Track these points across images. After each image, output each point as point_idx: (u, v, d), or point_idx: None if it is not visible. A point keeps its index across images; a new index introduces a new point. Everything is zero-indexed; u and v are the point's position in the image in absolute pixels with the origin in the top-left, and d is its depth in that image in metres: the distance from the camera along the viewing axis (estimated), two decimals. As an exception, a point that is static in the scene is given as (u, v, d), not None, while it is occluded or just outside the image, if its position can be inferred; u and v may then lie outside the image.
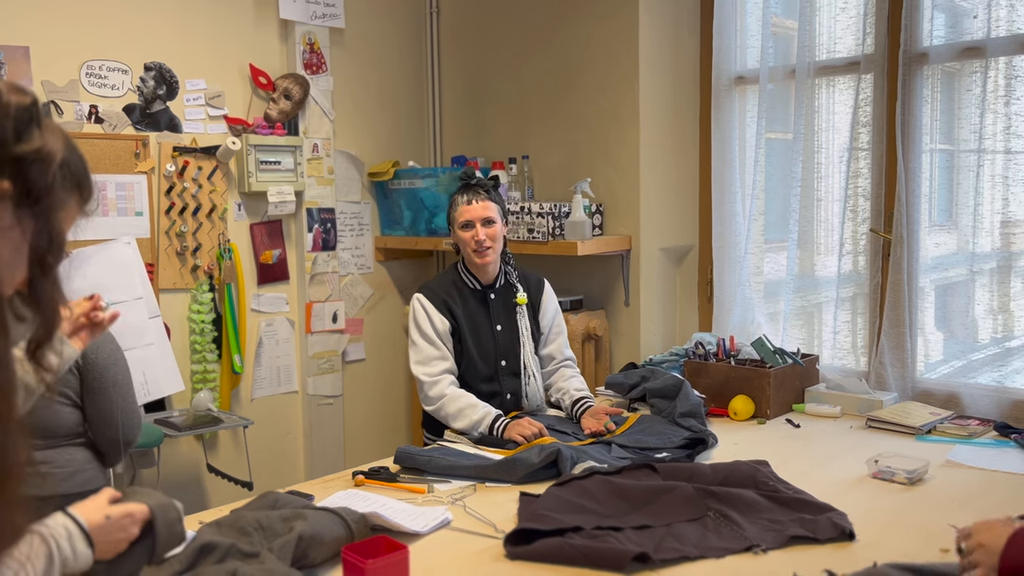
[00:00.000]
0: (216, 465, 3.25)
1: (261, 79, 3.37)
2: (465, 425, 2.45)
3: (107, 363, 2.15)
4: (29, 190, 0.98)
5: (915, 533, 1.76)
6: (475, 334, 2.60)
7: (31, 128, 0.99)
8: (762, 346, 2.83)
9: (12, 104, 0.97)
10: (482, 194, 2.58)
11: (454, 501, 1.97)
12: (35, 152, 0.98)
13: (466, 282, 2.65)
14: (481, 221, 2.56)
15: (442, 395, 2.49)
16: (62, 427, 2.10)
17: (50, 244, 1.01)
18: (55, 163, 1.01)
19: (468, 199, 2.57)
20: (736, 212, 3.24)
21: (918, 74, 2.80)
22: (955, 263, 2.86)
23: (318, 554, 1.59)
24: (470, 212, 2.56)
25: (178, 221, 3.19)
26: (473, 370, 2.59)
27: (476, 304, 2.63)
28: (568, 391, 2.67)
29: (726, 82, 3.24)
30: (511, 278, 2.69)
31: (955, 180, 2.83)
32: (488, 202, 2.58)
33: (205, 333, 3.26)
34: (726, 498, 1.87)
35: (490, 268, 2.64)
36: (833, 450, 2.39)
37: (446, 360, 2.54)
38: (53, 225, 1.01)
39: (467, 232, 2.57)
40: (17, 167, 0.97)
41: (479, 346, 2.60)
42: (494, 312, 2.65)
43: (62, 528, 1.24)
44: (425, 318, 2.56)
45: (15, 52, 2.81)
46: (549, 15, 3.56)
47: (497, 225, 2.58)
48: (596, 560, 1.62)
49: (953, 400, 2.74)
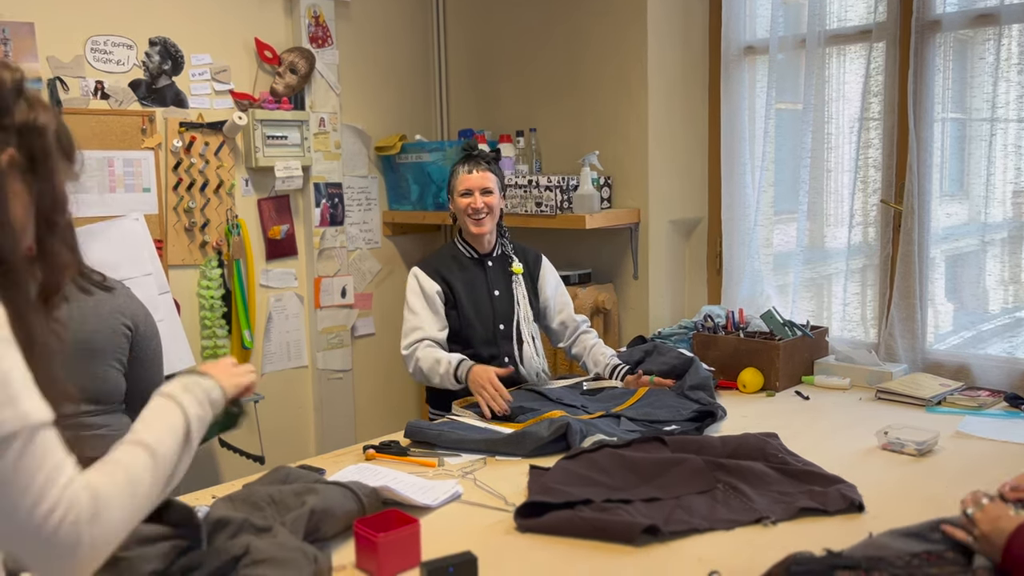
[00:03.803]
0: (227, 440, 3.28)
1: (267, 53, 3.35)
2: (439, 383, 2.53)
3: (152, 334, 2.37)
4: (32, 156, 1.08)
5: (925, 504, 1.76)
6: (472, 298, 2.66)
7: (20, 100, 1.09)
8: (771, 318, 2.82)
9: (7, 80, 1.07)
10: (483, 164, 2.67)
11: (464, 474, 1.99)
12: (33, 122, 1.08)
13: (463, 251, 2.73)
14: (480, 190, 2.64)
15: (416, 361, 2.56)
16: (116, 392, 2.28)
17: (54, 204, 1.11)
18: (51, 131, 1.11)
19: (469, 168, 2.66)
20: (745, 184, 3.22)
21: (930, 42, 2.76)
22: (966, 233, 2.84)
23: (330, 528, 1.61)
24: (469, 181, 2.64)
25: (186, 197, 3.19)
26: (472, 333, 2.65)
27: (475, 270, 2.71)
28: (602, 362, 2.72)
29: (735, 52, 3.21)
30: (507, 249, 2.77)
31: (967, 150, 2.80)
32: (488, 173, 2.66)
33: (215, 309, 3.27)
34: (735, 470, 1.88)
35: (486, 238, 2.71)
36: (842, 422, 2.39)
37: (421, 329, 2.59)
38: (55, 186, 1.12)
39: (465, 199, 2.65)
40: (20, 136, 1.07)
41: (476, 310, 2.66)
42: (491, 278, 2.71)
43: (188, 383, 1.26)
44: (416, 287, 2.64)
45: (20, 28, 2.80)
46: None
47: (495, 195, 2.66)
48: (606, 532, 1.63)
49: (963, 371, 2.73)
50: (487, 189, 2.64)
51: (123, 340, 2.28)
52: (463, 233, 2.74)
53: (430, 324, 2.61)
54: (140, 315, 2.33)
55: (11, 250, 1.04)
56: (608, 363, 2.71)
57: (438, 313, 2.63)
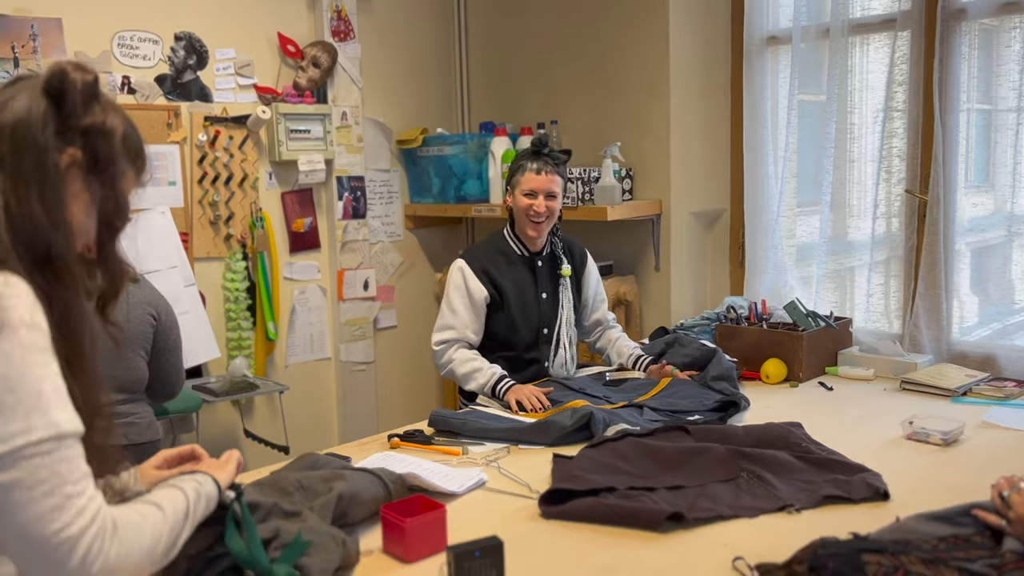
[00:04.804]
0: (252, 430, 3.31)
1: (289, 47, 3.37)
2: (475, 388, 2.48)
3: (173, 324, 2.44)
4: (96, 159, 1.09)
5: (950, 493, 1.75)
6: (520, 300, 2.60)
7: (93, 103, 1.10)
8: (795, 309, 2.81)
9: (77, 80, 1.08)
10: (551, 166, 2.56)
11: (488, 463, 2.00)
12: (100, 124, 1.10)
13: (514, 248, 2.64)
14: (545, 193, 2.54)
15: (450, 360, 2.52)
16: (140, 380, 2.36)
17: (116, 209, 1.13)
18: (118, 136, 1.12)
19: (538, 168, 2.54)
20: (768, 175, 3.21)
21: (956, 30, 2.74)
22: (992, 225, 2.81)
23: (358, 513, 1.62)
24: (536, 182, 2.54)
25: (211, 190, 3.23)
26: (516, 337, 2.59)
27: (523, 270, 2.63)
28: (625, 353, 2.73)
29: (758, 42, 3.19)
30: (556, 249, 2.69)
31: (993, 139, 2.78)
32: (556, 176, 2.56)
33: (239, 301, 3.30)
34: (759, 459, 1.88)
35: (539, 238, 2.63)
36: (866, 412, 2.38)
37: (456, 330, 2.54)
38: (118, 192, 1.13)
39: (528, 200, 2.54)
40: (85, 137, 1.08)
41: (523, 313, 2.60)
42: (540, 279, 2.65)
43: (183, 477, 1.27)
44: (461, 285, 2.55)
45: (48, 24, 2.84)
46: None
47: (558, 200, 2.58)
48: (630, 519, 1.64)
49: (989, 362, 2.71)
50: (552, 193, 2.54)
51: (149, 329, 2.35)
52: (515, 227, 2.64)
53: (467, 327, 2.54)
54: (163, 305, 2.42)
55: (65, 249, 1.05)
56: (632, 354, 2.71)
57: (479, 318, 2.56)
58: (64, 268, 1.05)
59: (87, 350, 1.08)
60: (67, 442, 0.99)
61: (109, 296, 1.16)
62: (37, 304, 1.01)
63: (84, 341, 1.07)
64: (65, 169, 1.07)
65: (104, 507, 1.00)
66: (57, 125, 1.07)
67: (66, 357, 1.04)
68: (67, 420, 0.99)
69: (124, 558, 1.00)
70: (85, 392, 1.05)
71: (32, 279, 1.02)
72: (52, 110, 1.07)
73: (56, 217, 1.04)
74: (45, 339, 1.00)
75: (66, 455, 0.98)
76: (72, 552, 0.96)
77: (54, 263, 1.04)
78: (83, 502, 0.98)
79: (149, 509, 1.10)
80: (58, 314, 1.03)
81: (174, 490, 1.20)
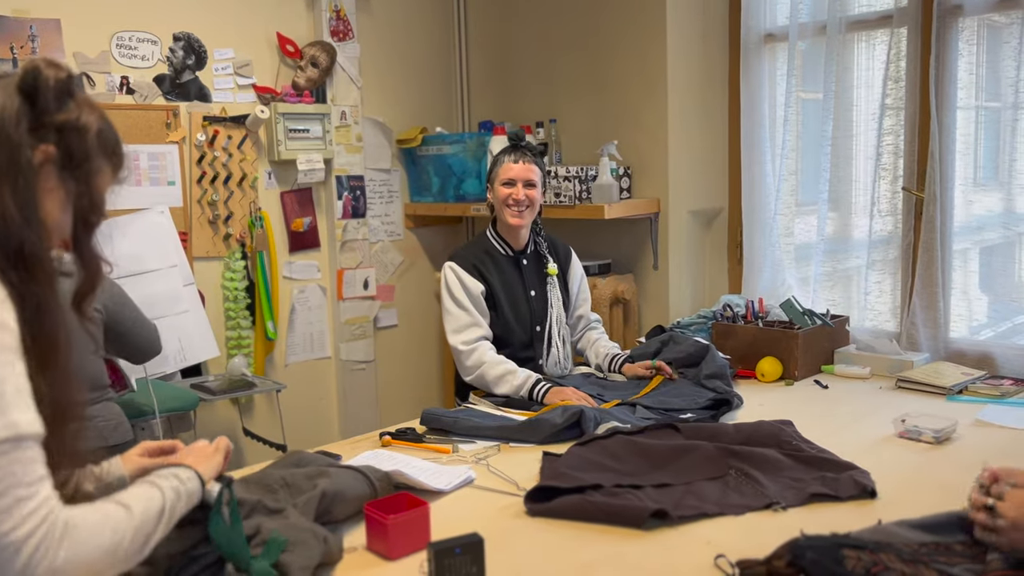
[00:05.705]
0: (251, 429, 3.33)
1: (288, 47, 3.39)
2: (507, 391, 2.44)
3: (120, 304, 2.34)
4: (71, 155, 1.10)
5: (938, 491, 1.75)
6: (511, 299, 2.60)
7: (67, 99, 1.11)
8: (791, 307, 2.81)
9: (51, 77, 1.09)
10: (529, 156, 2.59)
11: (478, 460, 2.00)
12: (74, 121, 1.10)
13: (498, 248, 2.65)
14: (523, 182, 2.57)
15: (480, 363, 2.48)
16: (100, 377, 2.30)
17: (91, 205, 1.13)
18: (92, 132, 1.13)
19: (515, 158, 2.59)
20: (766, 173, 3.20)
21: (953, 27, 2.73)
22: (993, 223, 2.80)
23: (341, 511, 1.63)
24: (514, 171, 2.57)
25: (209, 190, 3.24)
26: (511, 336, 2.59)
27: (510, 269, 2.64)
28: (600, 352, 2.73)
29: (755, 40, 3.19)
30: (540, 248, 2.70)
31: (990, 136, 2.76)
32: (533, 166, 2.59)
33: (239, 300, 3.32)
34: (748, 457, 1.88)
35: (521, 233, 2.64)
36: (860, 410, 2.37)
37: (480, 326, 2.53)
38: (93, 188, 1.13)
39: (507, 189, 2.57)
40: (59, 134, 1.09)
41: (515, 311, 2.60)
42: (527, 277, 2.65)
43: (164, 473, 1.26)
44: (458, 284, 2.55)
45: (47, 24, 2.86)
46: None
47: (537, 189, 2.59)
48: (615, 516, 1.64)
49: (987, 360, 2.69)
50: (530, 182, 2.57)
51: (95, 327, 2.26)
52: (497, 226, 2.66)
53: (484, 321, 2.53)
54: (105, 292, 2.27)
55: (37, 246, 1.05)
56: (608, 353, 2.70)
57: (486, 312, 2.56)
58: (37, 265, 1.05)
59: (62, 347, 1.07)
60: (25, 444, 0.98)
61: (85, 291, 1.16)
62: (6, 302, 1.01)
63: (59, 338, 1.07)
64: (39, 165, 1.07)
65: (56, 510, 0.99)
66: (31, 122, 1.07)
67: (39, 355, 1.04)
68: (27, 422, 0.99)
69: (73, 560, 0.99)
70: (57, 390, 1.05)
71: (5, 276, 1.03)
72: (26, 107, 1.07)
73: (29, 214, 1.05)
74: (12, 338, 1.00)
75: (22, 457, 0.97)
76: (17, 555, 0.95)
77: (27, 260, 1.04)
78: (33, 505, 0.97)
79: (114, 509, 1.09)
80: (31, 311, 1.03)
81: (151, 488, 1.19)
